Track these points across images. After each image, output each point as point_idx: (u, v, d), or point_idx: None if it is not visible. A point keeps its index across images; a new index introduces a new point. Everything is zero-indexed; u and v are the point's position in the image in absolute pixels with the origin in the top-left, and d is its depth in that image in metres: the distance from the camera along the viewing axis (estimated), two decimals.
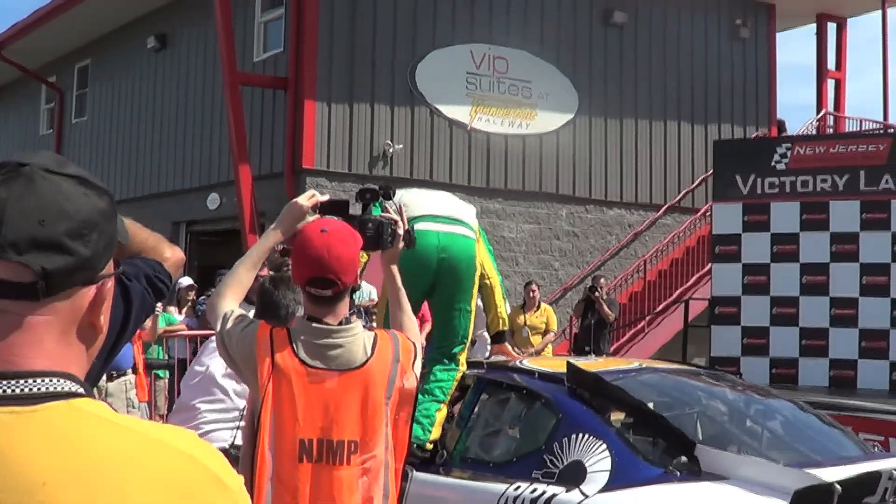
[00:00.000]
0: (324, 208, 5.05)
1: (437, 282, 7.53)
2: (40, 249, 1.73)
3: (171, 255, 3.32)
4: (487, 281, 8.05)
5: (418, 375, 4.76)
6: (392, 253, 5.07)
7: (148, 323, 13.79)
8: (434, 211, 7.48)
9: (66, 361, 1.79)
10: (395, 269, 5.08)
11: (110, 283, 1.89)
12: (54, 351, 1.78)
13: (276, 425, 4.44)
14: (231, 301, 4.78)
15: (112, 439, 1.71)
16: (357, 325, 4.58)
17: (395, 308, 5.07)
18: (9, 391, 1.70)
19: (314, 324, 4.51)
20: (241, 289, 4.86)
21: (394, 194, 5.64)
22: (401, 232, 5.07)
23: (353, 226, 4.82)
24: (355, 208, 5.16)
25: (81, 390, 1.76)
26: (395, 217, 5.13)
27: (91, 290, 1.83)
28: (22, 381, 1.72)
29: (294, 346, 4.48)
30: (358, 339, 4.52)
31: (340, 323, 4.54)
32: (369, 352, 4.52)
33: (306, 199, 4.88)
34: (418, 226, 7.18)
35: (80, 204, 1.79)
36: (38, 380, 1.72)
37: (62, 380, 1.74)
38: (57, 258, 1.74)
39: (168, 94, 25.37)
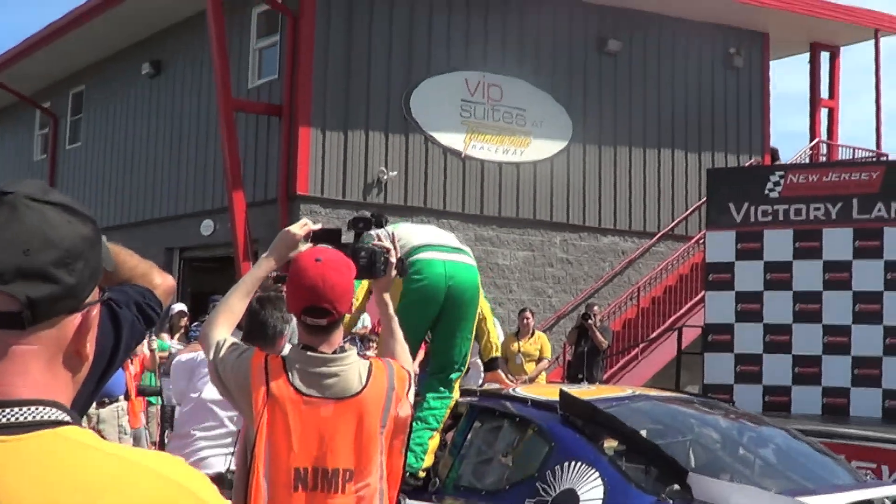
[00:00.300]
0: (316, 237, 5.05)
1: (442, 310, 7.53)
2: (25, 278, 1.73)
3: (162, 282, 3.32)
4: (479, 308, 8.06)
5: (412, 403, 4.77)
6: (385, 281, 5.07)
7: (142, 350, 13.81)
8: (434, 241, 7.50)
9: (53, 390, 1.78)
10: (387, 297, 5.08)
11: (96, 311, 1.88)
12: (40, 379, 1.77)
13: (271, 454, 4.43)
14: (223, 329, 4.77)
15: (99, 467, 1.69)
16: (352, 353, 4.58)
17: (386, 336, 5.07)
18: None
19: (309, 352, 4.50)
20: (233, 317, 4.86)
21: (386, 223, 5.67)
22: (393, 260, 5.07)
23: (345, 254, 4.81)
24: (348, 237, 5.17)
25: (68, 418, 1.76)
26: (388, 245, 5.13)
27: (76, 318, 1.83)
28: (8, 410, 1.71)
29: (289, 374, 4.47)
30: (353, 367, 4.51)
31: (335, 351, 4.53)
32: (364, 380, 4.51)
33: (299, 228, 4.88)
34: (423, 255, 7.28)
35: (65, 232, 1.79)
36: (24, 409, 1.72)
37: (48, 408, 1.74)
38: (42, 287, 1.74)
39: (162, 121, 25.39)
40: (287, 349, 4.70)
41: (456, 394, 7.75)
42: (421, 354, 11.50)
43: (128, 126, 26.95)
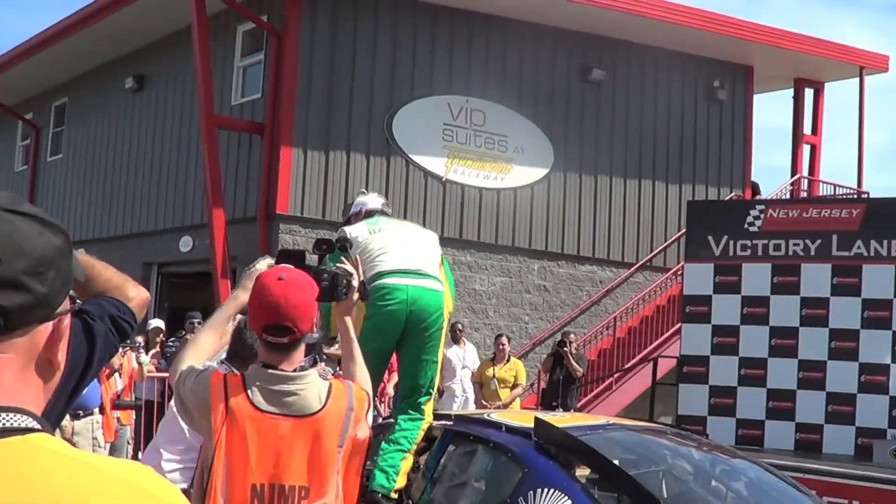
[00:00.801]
0: (280, 258, 5.13)
1: (405, 333, 7.60)
2: None
3: (136, 295, 3.31)
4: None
5: (370, 425, 4.79)
6: (346, 304, 5.14)
7: (120, 362, 13.75)
8: (403, 266, 7.54)
9: (23, 398, 1.79)
10: (348, 320, 5.13)
11: (67, 320, 1.89)
12: (11, 387, 1.77)
13: (228, 471, 4.45)
14: (190, 364, 4.80)
15: (69, 475, 1.69)
16: (312, 372, 4.61)
17: (346, 358, 5.10)
18: None
19: (269, 370, 4.53)
20: (201, 354, 4.89)
21: (350, 247, 5.71)
22: (356, 283, 5.14)
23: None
24: (311, 259, 5.20)
25: (38, 426, 1.76)
26: (350, 269, 5.19)
27: (48, 327, 1.83)
28: None
29: (248, 391, 4.50)
30: (312, 386, 4.54)
31: (296, 370, 4.56)
32: (324, 400, 4.53)
33: (266, 266, 4.93)
34: (387, 280, 7.35)
35: (37, 242, 1.80)
36: None
37: (18, 415, 1.74)
38: (14, 296, 1.75)
39: (144, 135, 25.35)
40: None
41: (428, 416, 7.77)
42: (394, 378, 11.50)
43: (109, 140, 26.91)
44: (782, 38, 25.25)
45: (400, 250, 7.65)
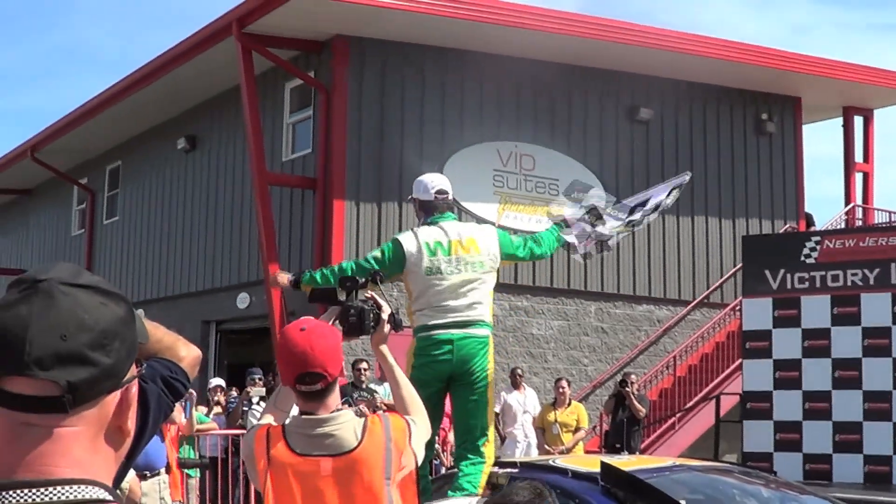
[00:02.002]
0: (314, 297, 5.55)
1: (453, 379, 7.70)
2: (64, 363, 1.78)
3: (188, 354, 3.35)
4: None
5: (418, 452, 4.86)
6: (379, 336, 5.31)
7: (180, 417, 13.81)
8: (451, 318, 7.67)
9: (94, 468, 1.83)
10: (384, 348, 5.29)
11: (135, 388, 1.93)
12: (82, 458, 1.82)
13: None
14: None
15: None
16: (346, 412, 4.73)
17: (392, 385, 5.24)
18: (38, 499, 1.75)
19: (305, 416, 4.70)
20: (278, 416, 5.12)
21: (381, 281, 5.82)
22: (385, 316, 5.31)
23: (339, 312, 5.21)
24: (342, 296, 5.42)
25: (109, 497, 1.81)
26: (380, 301, 5.37)
27: (116, 396, 1.87)
28: (51, 489, 1.76)
29: (288, 439, 4.67)
30: (347, 424, 4.67)
31: (332, 412, 4.69)
32: (360, 436, 4.64)
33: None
34: (436, 333, 7.66)
35: (99, 314, 1.84)
36: (67, 488, 1.77)
37: (90, 487, 1.79)
38: (81, 371, 1.79)
39: (198, 194, 25.57)
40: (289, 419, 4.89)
41: (489, 459, 7.81)
42: (447, 423, 11.58)
43: (164, 200, 27.15)
44: (829, 68, 25.15)
45: (451, 296, 7.72)
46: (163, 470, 12.23)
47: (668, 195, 9.06)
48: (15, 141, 59.99)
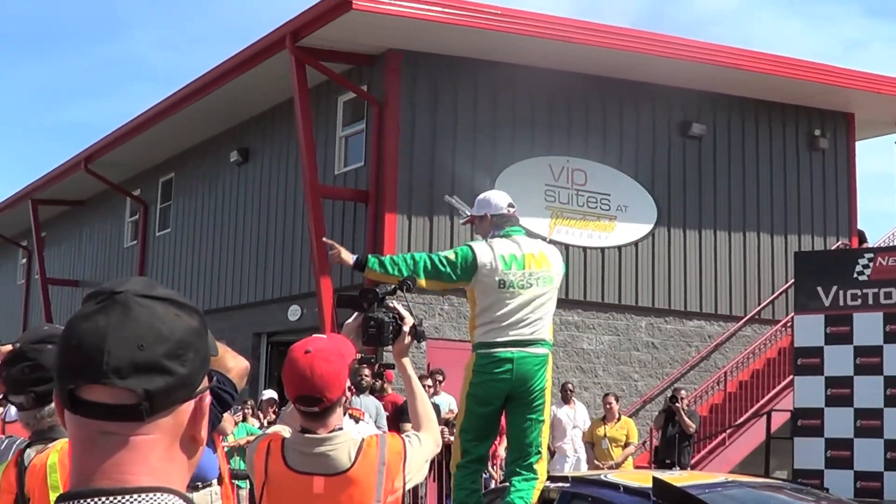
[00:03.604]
0: (341, 302, 5.67)
1: (511, 396, 7.70)
2: (141, 373, 1.82)
3: (235, 365, 3.40)
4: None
5: (415, 474, 4.91)
6: (399, 347, 5.35)
7: (231, 428, 13.89)
8: (515, 336, 7.64)
9: (169, 476, 1.87)
10: (406, 361, 5.30)
11: (208, 398, 1.98)
12: (158, 467, 1.86)
13: None
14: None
15: None
16: (343, 433, 4.77)
17: (409, 397, 5.28)
18: None
19: (305, 435, 4.75)
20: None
21: (410, 290, 5.85)
22: (406, 328, 5.34)
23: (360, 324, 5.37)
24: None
25: None
26: (403, 313, 5.40)
27: (190, 405, 1.92)
28: (128, 497, 1.80)
29: (285, 454, 4.74)
30: (343, 445, 4.72)
31: (331, 432, 4.74)
32: (353, 457, 4.70)
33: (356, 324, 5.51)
34: (499, 351, 7.63)
35: (175, 325, 1.89)
36: (144, 496, 1.81)
37: (166, 495, 1.83)
38: (158, 379, 1.83)
39: (250, 207, 25.71)
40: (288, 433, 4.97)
41: (542, 476, 7.81)
42: (505, 440, 11.55)
43: (216, 212, 27.33)
44: (882, 84, 25.00)
45: (518, 314, 7.72)
46: (215, 481, 12.27)
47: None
48: (69, 153, 60.51)
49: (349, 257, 7.59)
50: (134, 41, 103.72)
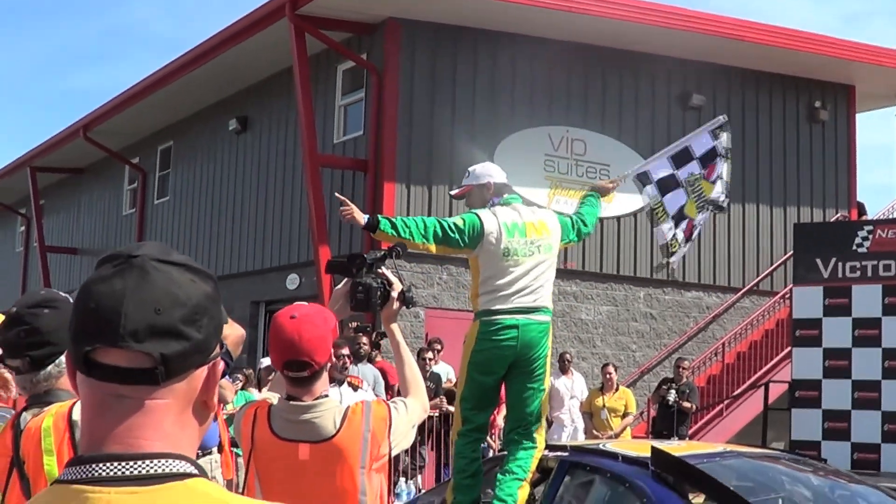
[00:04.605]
0: (330, 268, 5.69)
1: (512, 365, 7.70)
2: (158, 336, 1.83)
3: (231, 332, 3.40)
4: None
5: (400, 440, 4.98)
6: (388, 313, 5.42)
7: (231, 396, 13.89)
8: (520, 303, 7.63)
9: (181, 442, 1.88)
10: (394, 327, 5.37)
11: (221, 364, 1.98)
12: (170, 432, 1.86)
13: (263, 492, 4.78)
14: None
15: None
16: (329, 400, 4.83)
17: (398, 363, 5.34)
18: (128, 472, 1.79)
19: (291, 402, 4.79)
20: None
21: (399, 256, 5.85)
22: (395, 294, 5.41)
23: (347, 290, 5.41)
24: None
25: (195, 471, 1.85)
26: (392, 278, 5.47)
27: (204, 371, 1.92)
28: (140, 462, 1.80)
29: (272, 422, 4.80)
30: (328, 413, 4.78)
31: (318, 398, 4.79)
32: (338, 424, 4.75)
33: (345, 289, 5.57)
34: (503, 318, 7.59)
35: (191, 290, 1.89)
36: (156, 461, 1.81)
37: (178, 461, 1.83)
38: (174, 344, 1.84)
39: (248, 176, 25.68)
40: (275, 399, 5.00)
41: (541, 445, 7.83)
42: (504, 409, 11.57)
43: (214, 181, 27.30)
44: (883, 56, 24.95)
45: (522, 281, 7.72)
46: (215, 449, 12.29)
47: (715, 141, 8.96)
48: (68, 120, 60.34)
49: (361, 217, 7.56)
50: (134, 9, 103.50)
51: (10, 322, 3.95)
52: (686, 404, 18.15)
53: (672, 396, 18.20)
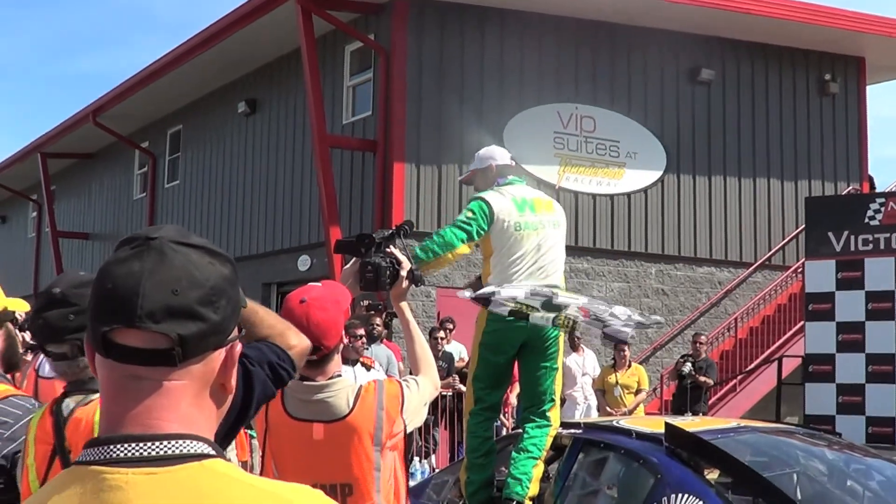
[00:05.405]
0: (339, 248, 5.74)
1: (525, 344, 7.69)
2: (175, 318, 1.83)
3: (298, 343, 3.37)
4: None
5: (413, 417, 4.98)
6: (397, 292, 5.44)
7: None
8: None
9: (198, 423, 1.89)
10: (404, 305, 5.38)
11: (239, 347, 1.99)
12: (187, 413, 1.87)
13: (279, 471, 4.84)
14: None
15: (243, 499, 1.80)
16: (342, 380, 4.85)
17: (408, 341, 5.33)
18: (146, 453, 1.80)
19: (304, 382, 4.79)
20: None
21: (407, 235, 5.83)
22: (404, 273, 5.43)
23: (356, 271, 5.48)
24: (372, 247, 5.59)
25: (213, 451, 1.86)
26: (400, 257, 5.49)
27: (221, 354, 1.93)
28: (157, 443, 1.81)
29: (285, 402, 4.82)
30: (342, 392, 4.80)
31: (332, 378, 4.82)
32: (352, 403, 4.77)
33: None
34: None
35: (209, 272, 1.90)
36: (173, 442, 1.82)
37: (195, 442, 1.84)
38: (191, 325, 1.85)
39: (258, 158, 25.68)
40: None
41: (555, 423, 7.83)
42: (517, 388, 11.60)
43: (224, 164, 27.31)
44: (893, 28, 24.82)
45: (532, 258, 7.69)
46: None
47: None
48: (77, 105, 60.40)
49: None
50: None
51: (53, 303, 3.75)
52: (703, 379, 18.15)
53: (687, 368, 18.21)
